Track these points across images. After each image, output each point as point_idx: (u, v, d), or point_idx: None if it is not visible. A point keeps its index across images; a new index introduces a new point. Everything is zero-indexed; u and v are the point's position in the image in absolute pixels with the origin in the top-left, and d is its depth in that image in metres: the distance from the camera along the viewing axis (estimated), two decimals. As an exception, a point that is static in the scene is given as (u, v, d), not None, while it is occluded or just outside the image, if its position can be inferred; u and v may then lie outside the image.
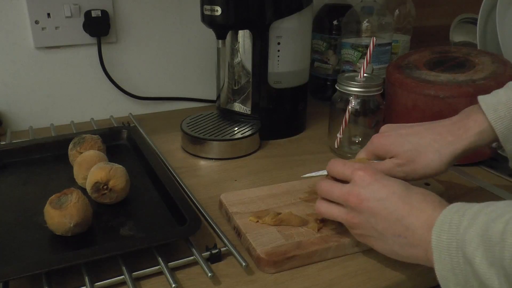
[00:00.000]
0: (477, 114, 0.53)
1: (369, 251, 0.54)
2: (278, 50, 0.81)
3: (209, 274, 0.49)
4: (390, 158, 0.56)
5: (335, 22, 1.02)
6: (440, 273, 0.42)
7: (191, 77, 1.04)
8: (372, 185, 0.49)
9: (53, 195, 0.55)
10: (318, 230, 0.55)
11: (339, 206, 0.51)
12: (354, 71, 0.91)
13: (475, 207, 0.42)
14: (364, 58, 0.75)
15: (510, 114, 0.50)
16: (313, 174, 0.60)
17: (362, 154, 0.59)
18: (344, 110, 0.74)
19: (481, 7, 0.96)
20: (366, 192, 0.48)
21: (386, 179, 0.49)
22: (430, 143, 0.53)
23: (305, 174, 0.62)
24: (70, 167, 0.68)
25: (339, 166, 0.53)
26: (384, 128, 0.60)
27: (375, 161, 0.58)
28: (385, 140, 0.57)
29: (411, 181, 0.54)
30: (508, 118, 0.51)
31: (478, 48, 0.98)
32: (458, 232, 0.41)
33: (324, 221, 0.56)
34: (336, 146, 0.78)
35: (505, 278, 0.36)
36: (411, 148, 0.54)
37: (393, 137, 0.57)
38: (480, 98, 0.53)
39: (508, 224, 0.37)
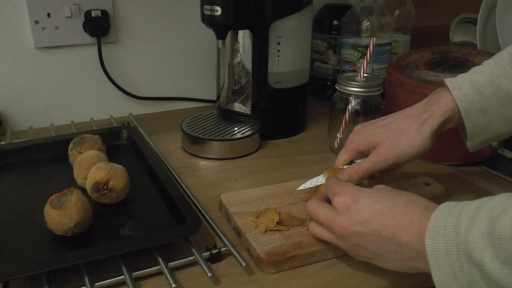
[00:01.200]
0: (445, 92, 0.56)
1: (369, 251, 0.54)
2: (278, 50, 0.81)
3: (209, 274, 0.49)
4: (374, 149, 0.57)
5: (335, 22, 1.02)
6: (439, 280, 0.40)
7: (191, 77, 1.04)
8: (352, 209, 0.47)
9: (53, 195, 0.55)
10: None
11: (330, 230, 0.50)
12: (354, 71, 0.91)
13: (470, 206, 0.40)
14: (364, 58, 0.76)
15: (473, 92, 0.54)
16: (307, 185, 0.60)
17: (343, 155, 0.60)
18: (344, 110, 0.74)
19: (481, 7, 0.97)
20: (347, 218, 0.47)
21: (365, 197, 0.47)
22: (409, 124, 0.56)
23: (299, 187, 0.61)
24: (70, 167, 0.68)
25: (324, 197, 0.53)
26: (358, 127, 0.61)
27: (356, 161, 0.58)
28: (364, 133, 0.59)
29: (400, 167, 0.56)
30: (471, 96, 0.54)
31: (478, 48, 0.98)
32: (458, 235, 0.39)
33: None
34: (336, 146, 0.78)
35: None
36: (392, 133, 0.56)
37: (371, 129, 0.58)
38: (447, 80, 0.56)
39: None
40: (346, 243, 0.48)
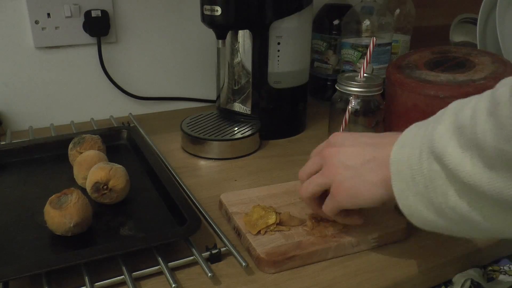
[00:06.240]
0: None
1: (370, 251, 0.54)
2: (278, 50, 0.81)
3: (209, 274, 0.49)
4: None
5: (335, 22, 1.02)
6: (397, 186, 0.42)
7: (191, 77, 1.04)
8: (345, 136, 0.52)
9: (53, 195, 0.55)
10: (311, 229, 0.55)
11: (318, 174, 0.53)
12: (354, 71, 0.91)
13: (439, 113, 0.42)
14: (364, 58, 0.75)
15: None
16: None
17: None
18: (344, 110, 0.74)
19: (481, 7, 0.96)
20: (339, 139, 0.52)
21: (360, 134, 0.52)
22: None
23: None
24: (70, 167, 0.68)
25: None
26: None
27: None
28: None
29: None
30: None
31: (478, 48, 0.98)
32: (424, 138, 0.41)
33: (319, 221, 0.56)
34: (336, 146, 0.78)
35: (478, 157, 0.35)
36: None
37: None
38: None
39: (475, 109, 0.36)
40: (331, 167, 0.50)
